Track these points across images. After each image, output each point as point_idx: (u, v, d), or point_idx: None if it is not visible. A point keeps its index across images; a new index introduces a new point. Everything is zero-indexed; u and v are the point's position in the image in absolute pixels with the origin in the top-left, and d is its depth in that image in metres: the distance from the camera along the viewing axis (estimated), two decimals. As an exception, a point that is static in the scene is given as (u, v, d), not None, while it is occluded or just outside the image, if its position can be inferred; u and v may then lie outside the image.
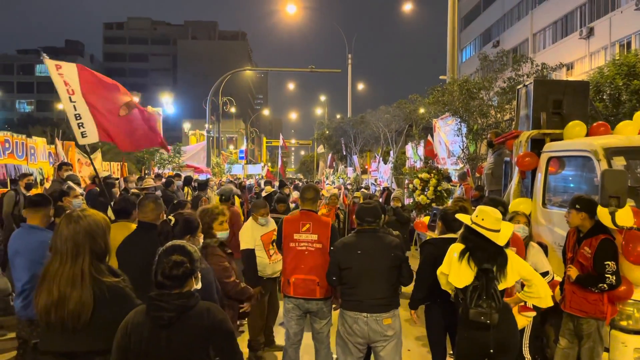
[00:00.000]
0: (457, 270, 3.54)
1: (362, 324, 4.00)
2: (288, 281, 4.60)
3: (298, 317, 4.69)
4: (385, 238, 4.19)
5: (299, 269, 4.54)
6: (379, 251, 4.08)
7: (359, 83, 43.93)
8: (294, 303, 4.64)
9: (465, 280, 3.50)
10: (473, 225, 3.58)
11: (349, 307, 4.08)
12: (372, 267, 4.04)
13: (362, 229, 4.23)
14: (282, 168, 34.00)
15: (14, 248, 3.83)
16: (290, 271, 4.60)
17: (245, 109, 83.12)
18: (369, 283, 4.03)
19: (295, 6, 27.63)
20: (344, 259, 4.12)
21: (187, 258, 2.40)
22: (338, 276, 4.15)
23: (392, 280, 4.09)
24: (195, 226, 3.34)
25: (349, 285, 4.11)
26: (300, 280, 4.53)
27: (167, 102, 28.41)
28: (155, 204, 3.96)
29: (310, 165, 58.73)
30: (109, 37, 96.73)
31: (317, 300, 4.57)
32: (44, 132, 31.70)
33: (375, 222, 4.24)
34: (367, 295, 4.01)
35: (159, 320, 2.31)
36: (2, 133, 14.29)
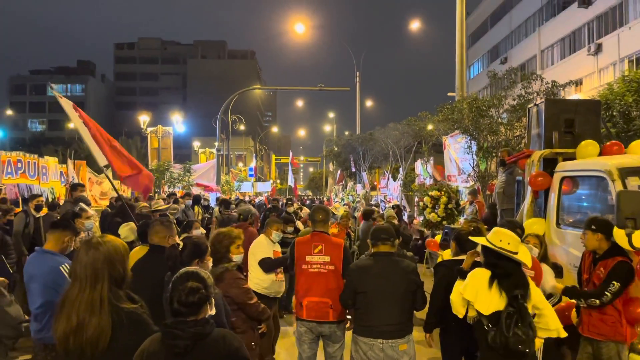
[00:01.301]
0: (485, 297, 3.36)
1: (378, 351, 3.94)
2: (301, 304, 4.54)
3: (311, 341, 4.62)
4: (402, 262, 4.15)
5: (312, 292, 4.49)
6: (395, 276, 4.03)
7: (367, 100, 44.15)
8: (306, 326, 4.57)
9: (494, 307, 3.34)
10: (501, 250, 3.40)
11: (363, 333, 4.02)
12: (388, 292, 3.99)
13: (378, 252, 4.19)
14: (296, 185, 34.03)
15: (29, 273, 3.83)
16: (302, 294, 4.55)
17: (254, 127, 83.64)
18: (384, 308, 3.97)
19: (304, 25, 27.94)
20: (359, 283, 4.07)
21: (202, 284, 2.39)
22: (353, 299, 4.11)
23: (407, 305, 4.04)
24: (204, 250, 3.33)
25: (363, 310, 4.05)
26: (313, 303, 4.47)
27: (177, 120, 28.64)
28: (164, 226, 3.96)
29: (319, 182, 58.78)
30: (120, 57, 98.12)
31: (330, 324, 4.51)
32: (55, 151, 32.09)
33: (390, 240, 4.20)
34: (382, 320, 3.96)
35: (175, 349, 2.29)
36: (15, 153, 14.48)
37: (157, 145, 23.01)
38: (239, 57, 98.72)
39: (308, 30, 28.21)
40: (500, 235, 3.48)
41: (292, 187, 33.19)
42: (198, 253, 3.26)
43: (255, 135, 75.80)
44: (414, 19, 26.83)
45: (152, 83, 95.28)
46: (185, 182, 20.72)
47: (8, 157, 13.56)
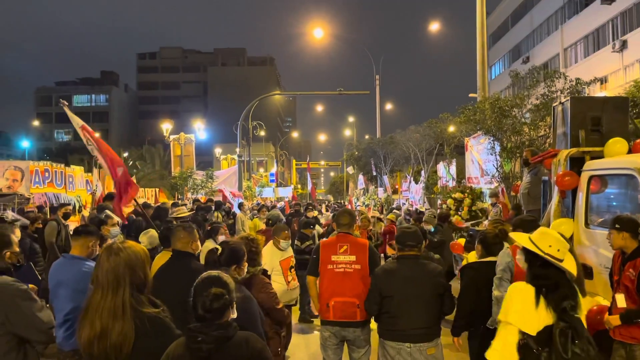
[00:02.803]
0: (531, 316, 2.83)
1: (406, 355, 3.89)
2: (327, 305, 4.48)
3: (335, 346, 4.58)
4: (428, 265, 4.09)
5: (338, 292, 4.44)
6: (422, 279, 3.97)
7: (387, 103, 43.94)
8: (330, 331, 4.53)
9: (541, 325, 2.83)
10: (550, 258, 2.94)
11: (391, 337, 3.97)
12: (415, 295, 3.93)
13: (404, 255, 4.13)
14: (313, 190, 34.07)
15: (56, 279, 3.88)
16: (329, 295, 4.49)
17: (275, 132, 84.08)
18: (411, 311, 3.92)
19: (322, 30, 28.00)
20: (385, 286, 4.02)
21: (225, 289, 2.40)
22: (379, 304, 4.06)
23: (435, 308, 3.98)
24: (242, 255, 3.32)
25: (390, 314, 4.00)
26: (340, 303, 4.42)
27: (199, 128, 28.95)
28: (187, 232, 3.99)
29: (340, 187, 58.72)
30: (142, 67, 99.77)
31: (355, 327, 4.46)
32: (81, 160, 32.70)
33: (417, 246, 4.14)
34: (410, 324, 3.90)
35: (199, 352, 2.30)
36: (42, 163, 14.82)
37: (180, 152, 23.30)
38: (259, 64, 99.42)
39: (326, 34, 28.30)
40: (549, 239, 3.02)
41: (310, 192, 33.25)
42: (235, 259, 3.25)
43: (276, 140, 76.11)
44: (434, 20, 26.76)
45: (173, 92, 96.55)
46: (208, 189, 20.91)
47: (36, 167, 13.90)
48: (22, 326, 2.86)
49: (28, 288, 2.97)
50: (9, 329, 2.83)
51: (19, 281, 2.97)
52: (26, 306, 2.88)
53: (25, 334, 2.88)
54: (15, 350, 2.89)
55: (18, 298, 2.87)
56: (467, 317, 4.15)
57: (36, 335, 2.91)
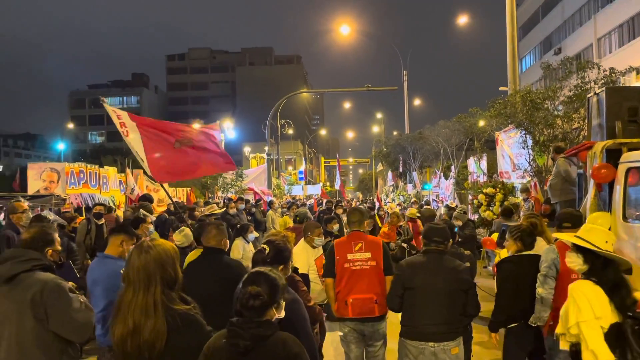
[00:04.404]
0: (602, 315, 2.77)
1: (430, 355, 3.82)
2: (345, 302, 4.53)
3: (357, 340, 4.62)
4: (453, 261, 4.04)
5: (356, 289, 4.50)
6: (446, 274, 3.93)
7: (415, 99, 43.49)
8: (349, 326, 4.59)
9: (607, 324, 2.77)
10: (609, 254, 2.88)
11: (412, 336, 3.92)
12: (437, 289, 3.88)
13: (430, 249, 4.09)
14: (342, 187, 34.01)
15: (92, 278, 4.00)
16: (346, 292, 4.55)
17: (303, 130, 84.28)
18: (432, 306, 3.86)
19: (349, 26, 27.88)
20: (408, 278, 4.00)
21: (265, 289, 2.40)
22: (401, 297, 4.03)
23: (458, 306, 3.90)
24: (288, 255, 3.30)
25: (410, 309, 3.97)
26: (358, 300, 4.47)
27: (228, 127, 29.27)
28: (218, 229, 4.03)
29: (368, 183, 58.44)
30: (172, 68, 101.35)
31: (373, 322, 4.51)
32: (114, 161, 33.46)
33: (444, 243, 4.10)
34: (430, 319, 3.84)
35: (235, 347, 2.32)
36: (77, 164, 15.21)
37: (209, 151, 23.53)
38: (286, 62, 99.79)
39: (353, 31, 28.17)
40: (602, 235, 2.95)
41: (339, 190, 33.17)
42: (282, 258, 3.23)
43: (304, 138, 76.28)
44: (462, 13, 26.30)
45: (202, 92, 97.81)
46: (238, 187, 21.10)
47: (71, 169, 14.27)
48: (59, 324, 2.93)
49: (69, 286, 3.04)
50: (47, 326, 2.90)
51: (62, 279, 3.04)
52: (65, 304, 2.94)
53: (61, 331, 2.94)
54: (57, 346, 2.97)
55: (58, 295, 2.94)
56: (506, 312, 4.05)
57: (71, 334, 2.97)
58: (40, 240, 3.12)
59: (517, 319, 3.96)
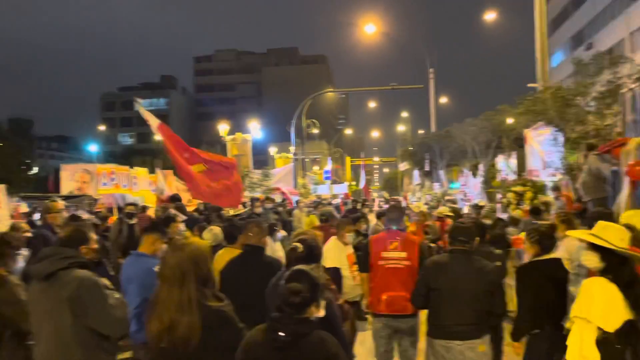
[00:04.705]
0: (613, 313, 2.77)
1: (457, 353, 3.78)
2: (379, 299, 4.55)
3: (388, 336, 4.63)
4: (479, 261, 3.97)
5: (390, 286, 4.50)
6: (472, 274, 3.86)
7: (442, 96, 43.02)
8: (382, 322, 4.60)
9: (619, 321, 2.75)
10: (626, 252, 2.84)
11: (439, 335, 3.88)
12: (463, 290, 3.82)
13: (455, 249, 4.04)
14: (366, 187, 33.91)
15: (126, 275, 4.11)
16: (380, 289, 4.57)
17: (328, 130, 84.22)
18: (458, 307, 3.81)
19: (374, 25, 27.73)
20: (433, 279, 3.96)
21: (306, 287, 2.43)
22: (425, 296, 4.00)
23: (484, 305, 3.84)
24: (319, 253, 3.33)
25: (436, 309, 3.94)
26: (391, 297, 4.48)
27: (255, 127, 29.46)
28: (259, 227, 4.10)
29: (394, 183, 58.10)
30: (199, 70, 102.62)
31: (407, 318, 4.50)
32: (144, 162, 34.12)
33: (469, 242, 4.04)
34: (456, 319, 3.80)
35: (275, 342, 2.36)
36: (108, 165, 15.60)
37: (236, 152, 23.78)
38: (311, 62, 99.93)
39: (379, 29, 28.01)
40: (618, 232, 2.91)
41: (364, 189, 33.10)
42: (314, 257, 3.25)
43: (329, 138, 76.26)
44: (490, 9, 25.88)
45: (229, 93, 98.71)
46: (265, 187, 21.24)
47: (103, 170, 14.64)
48: (96, 320, 3.01)
49: (105, 283, 3.13)
50: (84, 322, 2.99)
51: (98, 276, 3.13)
52: (101, 300, 3.02)
53: (98, 327, 3.02)
54: (95, 341, 3.05)
55: (95, 292, 3.02)
56: (527, 320, 3.93)
57: (107, 329, 3.05)
58: (76, 239, 3.21)
59: (541, 325, 3.86)
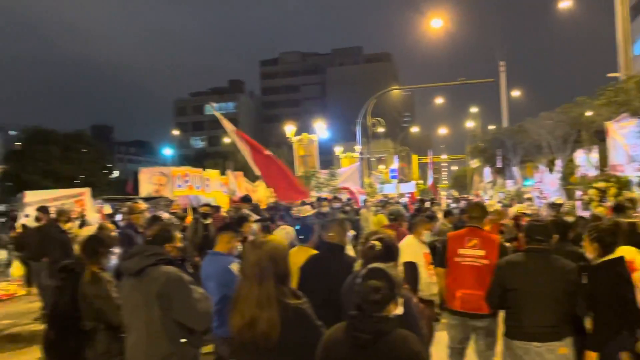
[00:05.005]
0: None
1: (535, 355, 3.61)
2: (453, 295, 4.52)
3: (462, 335, 4.57)
4: (559, 261, 3.76)
5: (466, 284, 4.45)
6: (551, 274, 3.68)
7: (513, 90, 41.38)
8: (457, 320, 4.54)
9: None
10: None
11: (517, 336, 3.73)
12: (541, 291, 3.64)
13: (532, 248, 3.86)
14: (433, 185, 33.28)
15: (206, 273, 4.30)
16: (456, 286, 4.53)
17: (394, 128, 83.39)
18: (537, 308, 3.64)
19: (440, 19, 27.12)
20: (509, 279, 3.81)
21: (385, 284, 2.41)
22: (500, 297, 3.86)
23: (565, 307, 3.65)
24: (396, 252, 3.32)
25: (513, 310, 3.79)
26: (467, 295, 4.43)
27: (321, 128, 29.72)
28: (340, 226, 4.16)
29: (463, 180, 56.62)
30: (265, 73, 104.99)
31: (483, 317, 4.40)
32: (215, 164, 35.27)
33: (546, 241, 3.85)
34: (535, 321, 3.63)
35: (357, 341, 2.36)
36: (183, 168, 16.29)
37: (303, 152, 24.10)
38: (375, 61, 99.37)
39: (445, 23, 27.33)
40: None
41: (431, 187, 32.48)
42: (392, 255, 3.26)
43: (395, 136, 75.49)
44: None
45: (294, 95, 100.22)
46: (331, 187, 21.36)
47: (178, 172, 15.31)
48: (182, 313, 3.15)
49: (190, 279, 3.28)
50: (171, 316, 3.14)
51: (183, 272, 3.29)
52: (186, 295, 3.17)
53: (184, 320, 3.17)
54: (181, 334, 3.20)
55: (180, 286, 3.17)
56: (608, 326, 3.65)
57: (193, 323, 3.19)
58: (162, 237, 3.39)
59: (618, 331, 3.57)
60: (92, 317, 3.70)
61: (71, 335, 3.76)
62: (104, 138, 78.78)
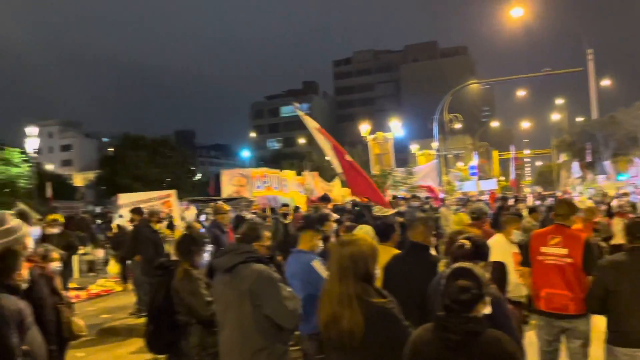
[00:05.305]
0: None
1: None
2: (538, 295, 4.39)
3: (550, 336, 4.37)
4: None
5: (549, 283, 4.29)
6: None
7: (603, 79, 38.68)
8: (545, 321, 4.38)
9: None
10: None
11: (621, 343, 3.53)
12: None
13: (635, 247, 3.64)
14: (516, 182, 31.93)
15: (290, 272, 4.41)
16: (540, 284, 4.40)
17: (472, 124, 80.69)
18: None
19: (520, 7, 25.88)
20: (611, 280, 3.61)
21: (474, 283, 2.36)
22: (603, 300, 3.66)
23: None
24: (486, 252, 3.24)
25: (616, 314, 3.58)
26: (551, 294, 4.27)
27: (396, 125, 29.38)
28: (426, 225, 4.12)
29: (548, 177, 53.79)
30: (338, 73, 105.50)
31: (570, 318, 4.20)
32: (291, 165, 35.97)
33: None
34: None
35: (446, 342, 2.31)
36: (261, 169, 16.79)
37: (378, 151, 23.93)
38: (451, 55, 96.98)
39: (525, 11, 26.06)
40: None
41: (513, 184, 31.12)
42: (482, 255, 3.18)
43: (473, 132, 73.14)
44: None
45: (368, 93, 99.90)
46: (408, 185, 21.05)
47: (257, 173, 15.80)
48: (272, 310, 3.25)
49: (279, 277, 3.38)
50: (262, 311, 3.24)
51: (273, 270, 3.39)
52: (276, 292, 3.26)
53: (274, 317, 3.26)
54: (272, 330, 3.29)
55: (270, 284, 3.28)
56: None
57: (282, 320, 3.28)
58: (250, 236, 3.52)
59: None
60: (184, 311, 3.90)
61: (167, 328, 4.00)
62: (187, 142, 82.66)
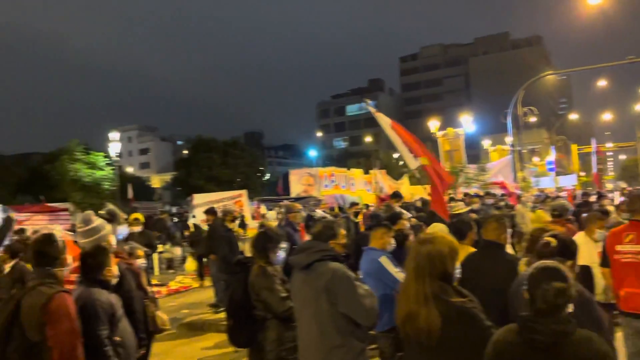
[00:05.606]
0: None
1: None
2: (618, 295, 4.26)
3: (634, 336, 4.19)
4: None
5: (628, 282, 4.16)
6: None
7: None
8: (626, 321, 4.23)
9: None
10: None
11: None
12: None
13: None
14: (597, 177, 30.24)
15: (364, 270, 4.49)
16: (618, 284, 4.27)
17: (547, 117, 77.11)
18: None
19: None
20: None
21: (567, 284, 2.28)
22: None
23: None
24: (574, 250, 3.13)
25: None
26: (628, 294, 4.14)
27: (467, 121, 28.62)
28: (499, 223, 4.04)
29: (633, 171, 50.35)
30: (405, 69, 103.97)
31: None
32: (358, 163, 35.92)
33: None
34: None
35: (535, 344, 2.24)
36: (328, 168, 16.94)
37: (449, 147, 23.41)
38: (523, 46, 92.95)
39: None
40: None
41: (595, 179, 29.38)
42: (569, 253, 3.06)
43: (550, 125, 69.72)
44: None
45: (436, 89, 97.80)
46: (481, 182, 20.44)
47: (324, 173, 15.96)
48: (348, 307, 3.28)
49: (354, 275, 3.42)
50: (338, 309, 3.27)
51: (348, 268, 3.43)
52: (351, 290, 3.28)
53: (351, 314, 3.29)
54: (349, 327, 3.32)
55: (345, 282, 3.30)
56: None
57: (359, 317, 3.30)
58: (326, 234, 3.57)
59: None
60: (261, 307, 4.02)
61: (245, 323, 4.17)
62: (256, 143, 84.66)
